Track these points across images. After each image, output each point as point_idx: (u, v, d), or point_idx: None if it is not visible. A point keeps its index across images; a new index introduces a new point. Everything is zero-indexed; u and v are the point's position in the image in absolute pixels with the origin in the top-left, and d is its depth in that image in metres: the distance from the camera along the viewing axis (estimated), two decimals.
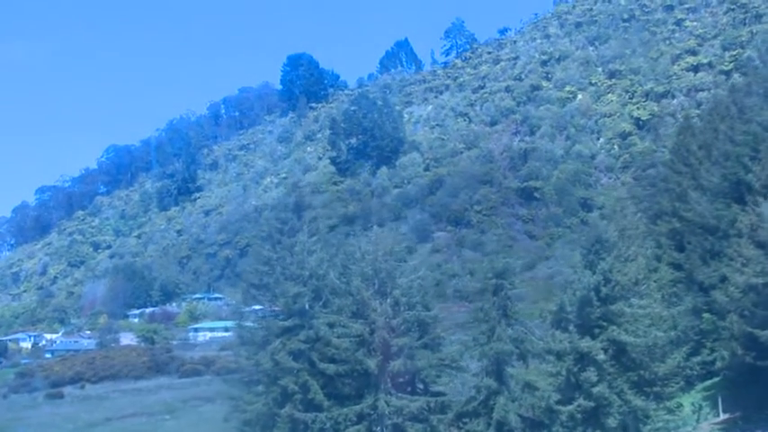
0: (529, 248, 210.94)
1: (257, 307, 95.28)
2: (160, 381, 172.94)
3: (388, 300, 77.62)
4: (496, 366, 74.72)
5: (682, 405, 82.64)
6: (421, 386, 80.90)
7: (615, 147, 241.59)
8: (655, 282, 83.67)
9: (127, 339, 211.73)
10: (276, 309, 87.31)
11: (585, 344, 70.76)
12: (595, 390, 69.78)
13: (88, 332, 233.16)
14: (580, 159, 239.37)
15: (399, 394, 77.31)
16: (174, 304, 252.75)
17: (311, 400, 78.53)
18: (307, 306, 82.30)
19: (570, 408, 70.29)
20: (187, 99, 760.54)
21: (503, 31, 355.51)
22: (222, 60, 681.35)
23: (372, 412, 76.33)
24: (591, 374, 69.85)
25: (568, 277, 75.33)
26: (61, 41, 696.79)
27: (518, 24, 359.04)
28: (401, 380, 79.43)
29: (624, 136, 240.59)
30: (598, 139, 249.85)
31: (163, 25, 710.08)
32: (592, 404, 70.07)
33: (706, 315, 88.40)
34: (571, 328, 72.12)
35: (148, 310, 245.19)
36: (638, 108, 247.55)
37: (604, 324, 72.15)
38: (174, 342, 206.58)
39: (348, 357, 77.57)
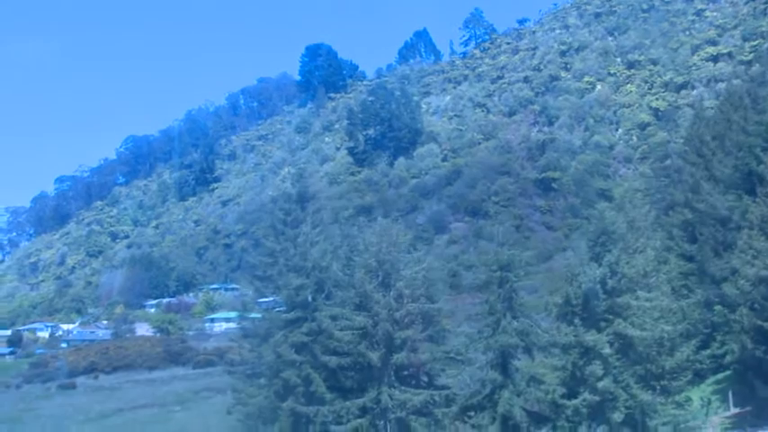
0: (546, 239, 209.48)
1: (267, 299, 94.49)
2: (174, 371, 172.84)
3: (392, 292, 76.69)
4: (502, 359, 73.65)
5: (691, 399, 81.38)
6: (425, 379, 79.89)
7: (634, 137, 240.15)
8: (664, 274, 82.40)
9: (142, 329, 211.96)
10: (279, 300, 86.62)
11: (591, 337, 69.66)
12: (600, 384, 68.68)
13: (105, 322, 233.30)
14: (598, 150, 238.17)
15: (403, 387, 76.27)
16: (191, 294, 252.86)
17: (313, 393, 77.63)
18: (309, 298, 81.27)
19: (575, 402, 69.23)
20: (206, 89, 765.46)
21: (522, 22, 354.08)
22: (241, 50, 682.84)
23: (375, 406, 75.26)
24: (596, 368, 68.77)
25: (574, 269, 74.02)
26: (80, 33, 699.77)
27: (537, 15, 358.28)
28: (406, 373, 78.58)
29: (643, 127, 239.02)
30: (617, 129, 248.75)
31: (182, 16, 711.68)
32: (597, 398, 68.95)
33: (718, 307, 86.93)
34: (576, 321, 70.90)
35: (165, 300, 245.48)
36: (657, 99, 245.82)
37: (610, 317, 71.02)
38: (190, 332, 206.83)
39: (351, 350, 76.46)
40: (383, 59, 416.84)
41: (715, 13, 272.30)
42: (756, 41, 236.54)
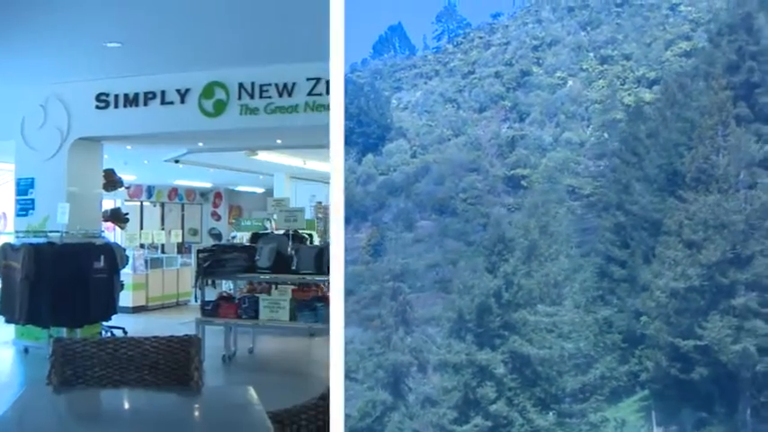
0: None
1: None
2: None
3: None
4: (393, 379, 67.40)
5: (607, 420, 75.20)
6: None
7: (605, 134, 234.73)
8: (578, 284, 76.27)
9: None
10: None
11: (484, 356, 63.38)
12: (493, 407, 62.21)
13: None
14: (569, 147, 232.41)
15: None
16: None
17: None
18: None
19: (466, 428, 62.93)
20: None
21: (495, 16, 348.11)
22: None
23: None
24: (489, 390, 62.51)
25: (467, 281, 67.46)
26: None
27: (511, 8, 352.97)
28: None
29: (615, 123, 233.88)
30: (588, 126, 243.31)
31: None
32: (489, 424, 62.62)
33: (644, 318, 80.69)
34: (469, 337, 64.63)
35: None
36: (629, 95, 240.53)
37: (506, 334, 64.79)
38: None
39: None
40: (358, 55, 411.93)
41: (690, 8, 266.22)
42: (732, 36, 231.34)
